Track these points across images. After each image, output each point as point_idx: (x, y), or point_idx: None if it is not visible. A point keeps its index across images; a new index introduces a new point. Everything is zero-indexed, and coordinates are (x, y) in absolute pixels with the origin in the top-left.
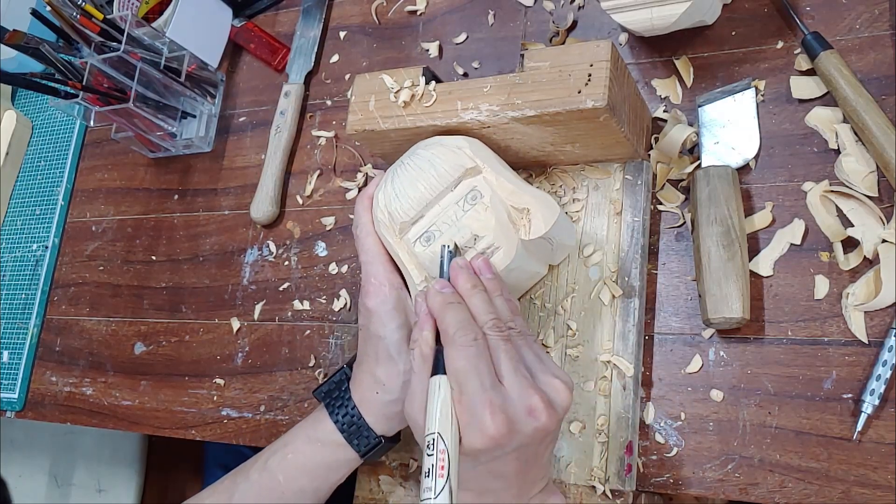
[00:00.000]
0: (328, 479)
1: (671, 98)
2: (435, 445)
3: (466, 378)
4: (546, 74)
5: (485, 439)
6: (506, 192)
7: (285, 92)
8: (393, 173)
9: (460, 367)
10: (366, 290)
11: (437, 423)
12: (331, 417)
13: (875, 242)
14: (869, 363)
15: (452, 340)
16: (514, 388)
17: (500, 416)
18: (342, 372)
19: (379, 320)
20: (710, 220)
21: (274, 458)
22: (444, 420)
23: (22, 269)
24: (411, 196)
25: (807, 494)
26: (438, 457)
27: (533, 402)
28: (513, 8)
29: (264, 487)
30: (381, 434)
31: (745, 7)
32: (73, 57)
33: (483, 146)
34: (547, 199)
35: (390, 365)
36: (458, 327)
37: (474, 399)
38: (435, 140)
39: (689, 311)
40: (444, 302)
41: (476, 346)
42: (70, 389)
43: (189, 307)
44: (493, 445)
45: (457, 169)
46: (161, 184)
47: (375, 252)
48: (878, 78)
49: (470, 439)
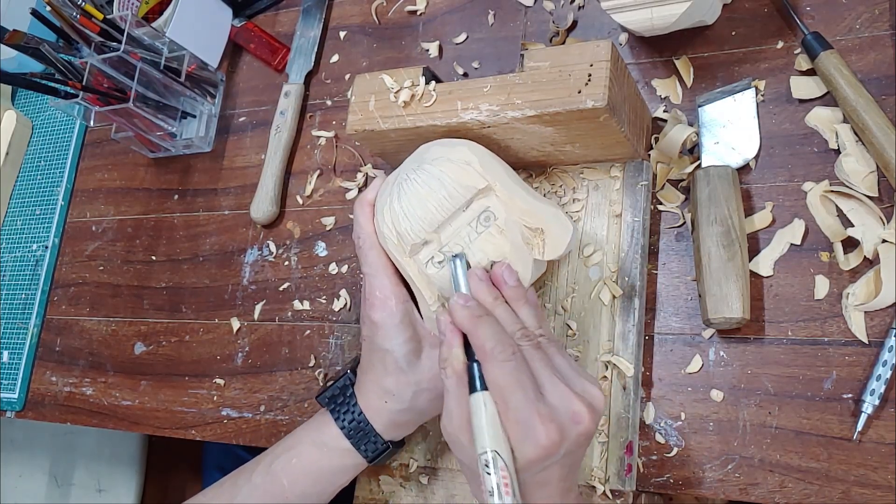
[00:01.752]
0: (333, 484)
1: (671, 98)
2: (494, 464)
3: (512, 392)
4: (546, 74)
5: (538, 450)
6: (519, 212)
7: (285, 92)
8: (399, 188)
9: (504, 384)
10: (371, 303)
11: (492, 441)
12: (336, 423)
13: (875, 242)
14: (869, 363)
15: (491, 356)
16: (555, 397)
17: (551, 425)
18: (346, 377)
19: (385, 334)
20: (711, 220)
21: (278, 462)
22: (497, 436)
23: (22, 269)
24: (421, 217)
25: (807, 494)
26: (500, 475)
27: (576, 407)
28: (513, 8)
29: (268, 491)
30: (388, 440)
31: (745, 7)
32: (73, 57)
33: (490, 158)
34: (560, 217)
35: (400, 376)
36: (494, 342)
37: (523, 412)
38: (442, 153)
39: (690, 311)
40: (472, 316)
41: (515, 359)
42: (70, 389)
43: (189, 307)
44: (546, 455)
45: (468, 189)
46: (161, 184)
47: (379, 265)
48: (878, 78)
49: (524, 452)
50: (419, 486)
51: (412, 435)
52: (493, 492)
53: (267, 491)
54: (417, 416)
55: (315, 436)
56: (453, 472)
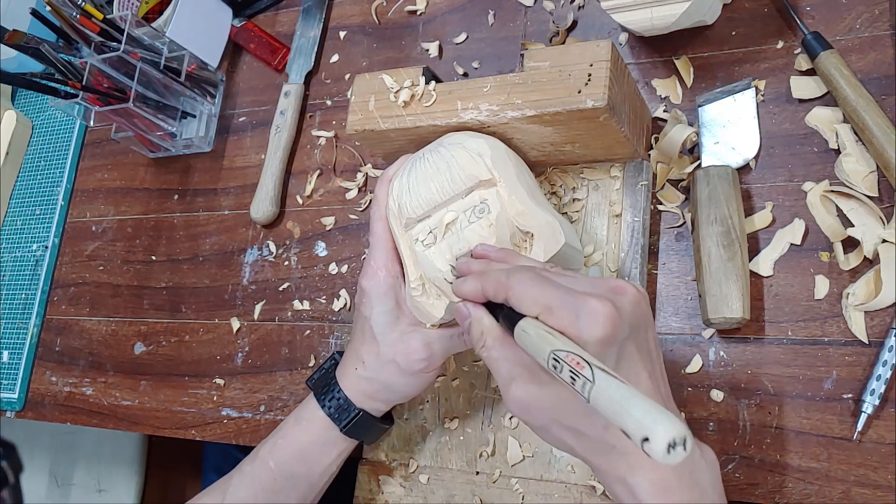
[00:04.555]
0: (318, 462)
1: (671, 98)
2: (558, 359)
3: (546, 295)
4: (546, 74)
5: (600, 323)
6: (514, 212)
7: (285, 92)
8: (412, 164)
9: (534, 293)
10: (364, 272)
11: (546, 345)
12: (316, 399)
13: (875, 242)
14: (869, 363)
15: (510, 283)
16: (586, 287)
17: (598, 300)
18: (332, 358)
19: (369, 301)
20: (710, 220)
21: (265, 447)
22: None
23: (22, 269)
24: (422, 194)
25: (807, 494)
26: (567, 361)
27: (611, 284)
28: (513, 8)
29: (257, 476)
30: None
31: (745, 7)
32: (73, 57)
33: (506, 154)
34: (554, 228)
35: (372, 344)
36: (509, 273)
37: (566, 302)
38: (460, 139)
39: (689, 311)
40: (477, 274)
41: (532, 271)
42: (70, 389)
43: (189, 307)
44: (611, 327)
45: (471, 178)
46: (161, 184)
47: (381, 237)
48: (878, 78)
49: (588, 333)
50: (419, 486)
51: (412, 435)
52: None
53: (256, 476)
54: (384, 389)
55: (297, 414)
56: (453, 472)
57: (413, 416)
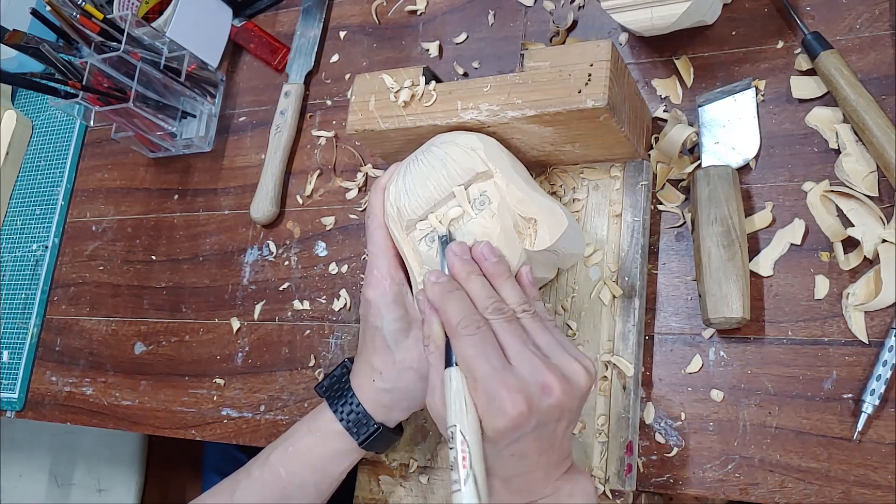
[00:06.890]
0: (330, 473)
1: (671, 98)
2: (455, 438)
3: (476, 364)
4: (546, 74)
5: (505, 419)
6: (515, 200)
7: (285, 92)
8: (406, 167)
9: (469, 355)
10: (367, 281)
11: (453, 415)
12: (331, 408)
13: (875, 242)
14: (869, 363)
15: (456, 332)
16: (524, 367)
17: (517, 394)
18: (343, 366)
19: (377, 311)
20: (711, 220)
21: (275, 453)
22: (460, 411)
23: (22, 269)
24: (420, 194)
25: (807, 494)
26: (459, 448)
27: (546, 378)
28: (513, 8)
29: (266, 483)
30: (379, 422)
31: (745, 7)
32: (73, 57)
33: (498, 147)
34: (555, 211)
35: (386, 354)
36: (460, 317)
37: (488, 383)
38: (450, 137)
39: (690, 311)
40: (443, 292)
41: (480, 332)
42: (70, 389)
43: (189, 307)
44: (514, 425)
45: (467, 171)
46: (161, 184)
47: (382, 245)
48: (878, 78)
49: (491, 422)
50: (419, 486)
51: (412, 435)
52: (453, 466)
53: (265, 483)
54: (403, 398)
55: (310, 423)
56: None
57: (413, 416)
